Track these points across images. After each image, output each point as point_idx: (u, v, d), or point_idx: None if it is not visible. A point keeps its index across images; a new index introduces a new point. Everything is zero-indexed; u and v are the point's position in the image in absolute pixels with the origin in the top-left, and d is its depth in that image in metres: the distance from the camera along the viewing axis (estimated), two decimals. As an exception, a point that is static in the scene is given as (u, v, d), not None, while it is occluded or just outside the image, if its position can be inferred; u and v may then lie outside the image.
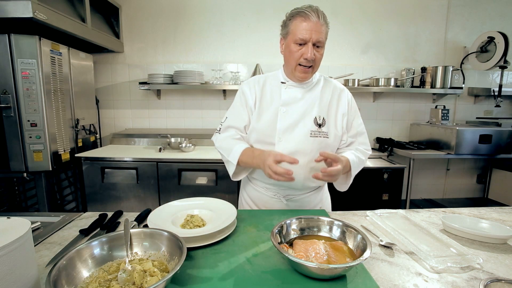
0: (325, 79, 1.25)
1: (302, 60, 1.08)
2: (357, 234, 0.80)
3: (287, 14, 1.12)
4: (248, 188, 1.30)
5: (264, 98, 1.20)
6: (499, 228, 0.95)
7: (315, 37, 1.04)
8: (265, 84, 1.22)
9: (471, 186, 3.28)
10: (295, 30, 1.06)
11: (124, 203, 2.29)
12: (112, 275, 0.66)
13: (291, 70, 1.14)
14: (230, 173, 1.18)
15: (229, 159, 1.14)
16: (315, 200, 1.27)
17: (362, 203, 2.55)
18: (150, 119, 3.07)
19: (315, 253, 0.74)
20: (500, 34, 2.69)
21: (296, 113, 1.15)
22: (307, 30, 1.04)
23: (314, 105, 1.17)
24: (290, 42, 1.08)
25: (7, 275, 0.53)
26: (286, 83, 1.20)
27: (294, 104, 1.17)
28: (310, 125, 1.14)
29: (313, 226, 0.89)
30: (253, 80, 1.25)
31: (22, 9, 1.73)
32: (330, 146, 1.17)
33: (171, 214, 0.97)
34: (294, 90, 1.19)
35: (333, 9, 2.95)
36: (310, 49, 1.05)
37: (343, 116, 1.20)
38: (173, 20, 2.92)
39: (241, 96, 1.23)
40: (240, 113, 1.22)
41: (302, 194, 1.23)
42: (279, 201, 1.22)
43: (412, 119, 3.18)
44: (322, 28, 1.06)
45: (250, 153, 1.10)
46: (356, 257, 0.73)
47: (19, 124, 1.97)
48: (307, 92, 1.19)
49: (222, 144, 1.19)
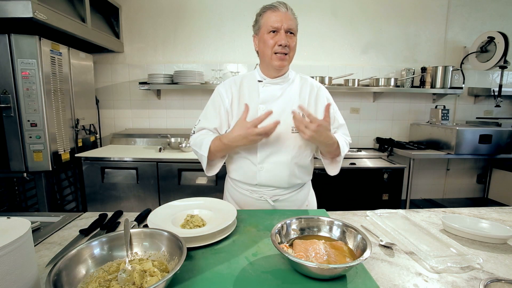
0: (301, 77, 1.26)
1: (277, 47, 1.09)
2: (357, 234, 0.80)
3: (256, 13, 1.17)
4: (232, 191, 1.29)
5: (242, 98, 1.20)
6: (499, 228, 0.95)
7: (286, 24, 1.08)
8: (242, 84, 1.22)
9: (471, 186, 3.28)
10: (266, 21, 1.10)
11: (124, 203, 2.29)
12: (112, 275, 0.66)
13: (267, 61, 1.14)
14: (204, 167, 1.20)
15: (201, 152, 1.16)
16: (301, 198, 1.27)
17: (362, 203, 2.55)
18: (150, 119, 3.07)
19: (315, 253, 0.74)
20: (500, 34, 2.69)
21: (276, 110, 1.15)
22: (277, 19, 1.08)
23: (293, 102, 1.17)
24: (263, 33, 1.11)
25: (7, 275, 0.53)
26: (263, 81, 1.20)
27: (273, 101, 1.17)
28: (290, 122, 1.13)
29: (313, 226, 0.89)
30: (229, 81, 1.25)
31: (22, 9, 1.73)
32: None
33: (171, 214, 0.97)
34: (272, 88, 1.19)
35: (333, 9, 2.95)
36: (283, 35, 1.08)
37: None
38: (173, 20, 2.92)
39: (215, 98, 1.23)
40: (211, 115, 1.22)
41: (288, 193, 1.23)
42: (265, 203, 1.21)
43: (412, 119, 3.18)
44: (292, 17, 1.10)
45: (217, 140, 1.12)
46: (356, 257, 0.73)
47: (19, 124, 1.97)
48: (285, 89, 1.19)
49: (195, 142, 1.20)
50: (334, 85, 2.87)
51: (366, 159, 2.68)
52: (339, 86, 2.85)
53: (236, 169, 1.23)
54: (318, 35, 2.98)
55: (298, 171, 1.19)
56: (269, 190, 1.20)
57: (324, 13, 2.95)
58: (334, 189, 2.43)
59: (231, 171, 1.26)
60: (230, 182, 1.30)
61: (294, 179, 1.20)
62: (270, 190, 1.20)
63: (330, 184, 2.36)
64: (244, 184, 1.23)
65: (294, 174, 1.18)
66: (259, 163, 1.16)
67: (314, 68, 3.01)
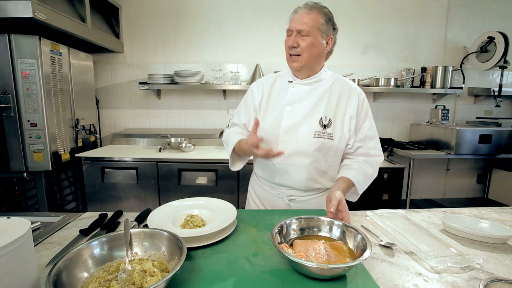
0: (337, 78, 1.22)
1: (287, 47, 1.11)
2: (357, 234, 0.80)
3: None
4: (255, 185, 1.33)
5: (272, 97, 1.21)
6: (499, 228, 0.95)
7: (298, 26, 1.07)
8: (275, 83, 1.24)
9: (471, 186, 3.28)
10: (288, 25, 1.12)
11: (124, 203, 2.29)
12: (112, 275, 0.66)
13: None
14: (230, 162, 1.27)
15: (227, 150, 1.23)
16: (320, 203, 1.23)
17: (362, 203, 2.53)
18: (150, 119, 3.07)
19: (315, 253, 0.74)
20: (500, 34, 2.69)
21: (302, 112, 1.14)
22: (293, 21, 1.09)
23: (321, 105, 1.14)
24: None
25: (7, 275, 0.53)
26: (293, 81, 1.20)
27: (300, 103, 1.15)
28: (315, 126, 1.12)
29: (313, 226, 0.88)
30: (263, 79, 1.29)
31: (22, 9, 1.73)
32: (334, 148, 1.14)
33: (171, 214, 0.96)
34: (301, 89, 1.17)
35: (333, 9, 2.89)
36: (292, 37, 1.08)
37: (351, 118, 1.15)
38: (173, 20, 2.92)
39: (248, 95, 1.28)
40: (241, 112, 1.29)
41: (306, 196, 1.21)
42: (282, 201, 1.22)
43: (412, 119, 3.17)
44: (307, 16, 1.07)
45: (239, 144, 1.17)
46: (356, 257, 0.73)
47: (19, 124, 1.97)
48: (314, 90, 1.17)
49: (225, 137, 1.27)
50: (334, 85, 2.87)
51: (366, 159, 2.68)
52: (339, 86, 2.85)
53: (259, 165, 1.28)
54: (318, 35, 2.98)
55: (317, 175, 1.16)
56: (286, 189, 1.21)
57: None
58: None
59: (256, 166, 1.31)
60: (254, 176, 1.35)
61: (313, 183, 1.17)
62: (287, 189, 1.21)
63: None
64: (265, 180, 1.26)
65: (312, 178, 1.16)
66: (277, 163, 1.16)
67: (314, 68, 3.01)
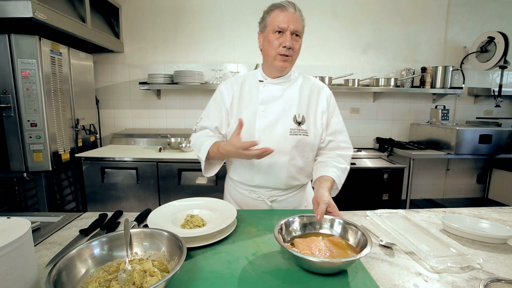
0: (304, 77, 1.24)
1: (281, 48, 1.07)
2: (357, 231, 0.81)
3: (264, 10, 1.14)
4: (232, 191, 1.29)
5: (243, 98, 1.19)
6: (499, 228, 0.95)
7: (293, 26, 1.06)
8: (244, 84, 1.21)
9: (471, 186, 3.28)
10: (273, 21, 1.07)
11: (124, 203, 2.29)
12: (112, 275, 0.66)
13: (270, 61, 1.12)
14: (202, 168, 1.20)
15: (199, 155, 1.16)
16: (299, 199, 1.26)
17: (362, 203, 2.55)
18: (150, 119, 3.07)
19: (318, 250, 0.76)
20: (500, 34, 2.69)
21: (275, 111, 1.14)
22: (285, 19, 1.06)
23: (293, 103, 1.16)
24: (269, 33, 1.09)
25: (7, 275, 0.53)
26: (264, 81, 1.19)
27: (273, 102, 1.16)
28: (289, 123, 1.13)
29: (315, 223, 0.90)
30: (231, 80, 1.25)
31: (22, 9, 1.73)
32: (310, 144, 1.17)
33: (171, 214, 0.96)
34: (272, 88, 1.18)
35: (333, 9, 2.95)
36: (289, 37, 1.06)
37: (322, 113, 1.19)
38: (173, 20, 2.92)
39: (217, 97, 1.23)
40: (212, 114, 1.22)
41: (286, 194, 1.22)
42: (263, 203, 1.21)
43: (412, 119, 3.18)
44: (299, 19, 1.08)
45: (215, 148, 1.12)
46: (357, 250, 0.75)
47: (19, 124, 1.97)
48: (286, 89, 1.18)
49: (195, 142, 1.21)
50: (334, 85, 2.87)
51: (366, 159, 2.68)
52: (339, 86, 2.85)
53: (235, 170, 1.23)
54: (318, 35, 2.98)
55: (296, 172, 1.18)
56: (267, 191, 1.20)
57: (324, 13, 2.95)
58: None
59: (231, 171, 1.26)
60: (230, 182, 1.31)
61: (292, 181, 1.19)
62: (267, 191, 1.20)
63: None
64: (243, 184, 1.23)
65: (291, 175, 1.17)
66: (256, 164, 1.16)
67: (314, 68, 3.01)
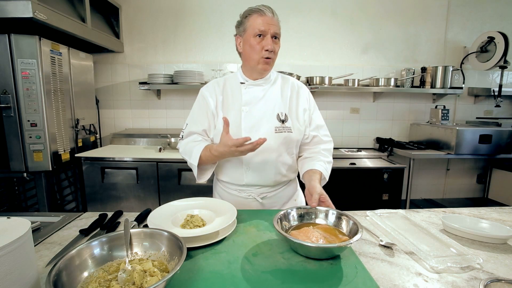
0: (283, 77, 1.28)
1: (264, 52, 1.11)
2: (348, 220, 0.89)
3: (241, 14, 1.17)
4: (221, 192, 1.30)
5: (226, 100, 1.21)
6: (499, 228, 0.95)
7: (272, 29, 1.10)
8: (225, 86, 1.24)
9: (471, 186, 3.28)
10: (253, 24, 1.10)
11: (124, 203, 2.29)
12: (112, 275, 0.66)
13: (252, 64, 1.15)
14: (195, 174, 1.19)
15: (191, 161, 1.15)
16: (289, 194, 1.30)
17: (362, 203, 2.55)
18: (150, 119, 3.07)
19: (315, 238, 0.81)
20: (500, 34, 2.69)
21: (259, 111, 1.18)
22: (264, 23, 1.09)
23: (275, 102, 1.20)
24: (250, 37, 1.12)
25: (7, 275, 0.53)
26: (245, 83, 1.21)
27: (256, 103, 1.19)
28: (274, 122, 1.16)
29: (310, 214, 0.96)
30: (212, 83, 1.26)
31: (22, 9, 1.73)
32: (294, 140, 1.21)
33: (171, 214, 0.96)
34: (254, 89, 1.21)
35: (333, 9, 2.95)
36: (270, 40, 1.10)
37: (304, 111, 1.24)
38: (173, 20, 2.92)
39: (200, 101, 1.24)
40: (198, 118, 1.22)
41: (275, 190, 1.25)
42: (254, 201, 1.24)
43: (412, 119, 3.18)
44: (277, 23, 1.13)
45: (208, 151, 1.11)
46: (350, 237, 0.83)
47: (19, 124, 1.97)
48: (267, 90, 1.22)
49: (184, 149, 1.20)
50: (334, 85, 2.87)
51: (366, 159, 2.68)
52: (339, 86, 2.85)
53: (223, 171, 1.25)
54: (318, 35, 2.98)
55: (283, 169, 1.22)
56: (256, 188, 1.23)
57: (324, 13, 2.95)
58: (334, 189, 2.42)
59: (219, 173, 1.28)
60: (219, 184, 1.32)
61: (280, 177, 1.22)
62: (257, 188, 1.23)
63: (329, 184, 2.35)
64: (232, 185, 1.25)
65: (280, 172, 1.21)
66: (245, 164, 1.18)
67: (314, 68, 3.01)
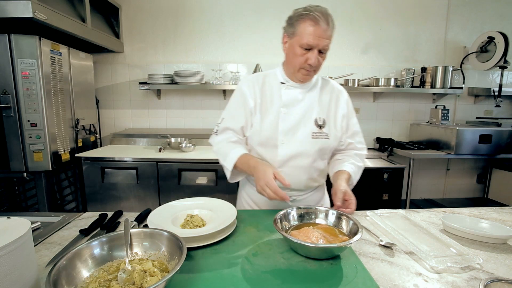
0: (323, 80, 1.25)
1: (306, 65, 1.06)
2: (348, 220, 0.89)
3: (295, 11, 1.07)
4: (248, 189, 1.28)
5: (264, 99, 1.18)
6: (499, 228, 0.95)
7: (321, 44, 1.02)
8: (265, 84, 1.20)
9: (471, 186, 3.28)
10: (303, 33, 1.02)
11: (124, 203, 2.29)
12: (112, 275, 0.66)
13: (293, 71, 1.12)
14: (228, 177, 1.18)
15: (225, 164, 1.15)
16: (317, 198, 1.28)
17: (362, 203, 2.52)
18: (150, 119, 3.07)
19: (316, 238, 0.80)
20: (500, 34, 2.69)
21: (297, 114, 1.14)
22: (315, 36, 1.01)
23: (314, 106, 1.17)
24: (296, 44, 1.05)
25: (7, 275, 0.53)
26: (286, 83, 1.18)
27: (295, 105, 1.16)
28: (311, 127, 1.14)
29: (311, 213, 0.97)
30: (252, 78, 1.22)
31: (22, 9, 1.73)
32: (331, 147, 1.18)
33: (171, 214, 0.96)
34: (294, 91, 1.17)
35: (333, 9, 2.90)
36: (315, 55, 1.04)
37: (343, 117, 1.21)
38: (173, 20, 2.92)
39: (239, 96, 1.20)
40: (237, 114, 1.19)
41: (305, 194, 1.23)
42: (284, 202, 1.20)
43: (412, 119, 3.18)
44: (329, 36, 1.04)
45: (246, 162, 1.10)
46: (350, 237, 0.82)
47: (19, 124, 1.97)
48: (307, 93, 1.18)
49: (219, 148, 1.19)
50: (334, 85, 2.87)
51: (366, 159, 2.68)
52: (339, 86, 2.85)
53: None
54: (318, 35, 2.98)
55: (316, 174, 1.20)
56: (287, 191, 1.18)
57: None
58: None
59: None
60: (249, 183, 1.29)
61: (312, 182, 1.21)
62: (287, 191, 1.18)
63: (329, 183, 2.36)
64: None
65: (312, 177, 1.19)
66: (279, 167, 1.15)
67: (314, 68, 3.01)
